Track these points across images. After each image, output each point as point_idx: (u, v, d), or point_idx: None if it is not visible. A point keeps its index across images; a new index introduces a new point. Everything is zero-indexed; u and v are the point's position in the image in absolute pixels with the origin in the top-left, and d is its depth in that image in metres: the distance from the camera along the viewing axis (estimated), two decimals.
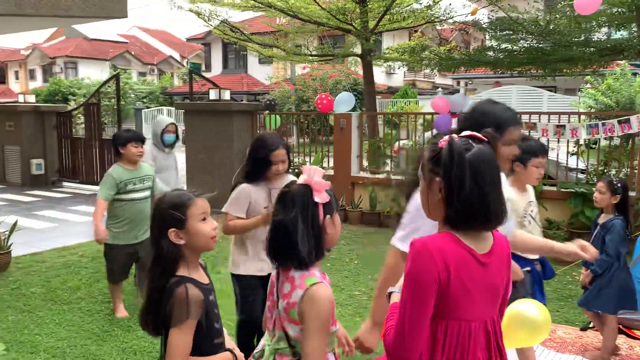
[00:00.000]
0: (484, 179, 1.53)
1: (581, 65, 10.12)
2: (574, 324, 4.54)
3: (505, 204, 1.61)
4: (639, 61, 11.76)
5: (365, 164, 9.13)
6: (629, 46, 8.94)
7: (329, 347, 1.89)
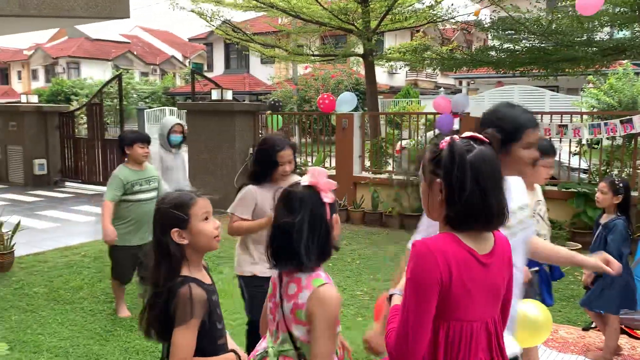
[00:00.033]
0: (485, 180, 1.53)
1: (583, 65, 10.11)
2: (576, 324, 4.54)
3: (506, 205, 1.61)
4: None
5: (367, 164, 9.14)
6: (631, 46, 8.92)
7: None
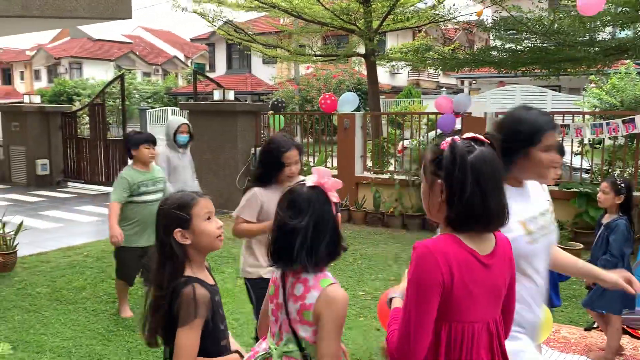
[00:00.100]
0: (486, 181, 1.54)
1: (585, 64, 10.09)
2: (578, 324, 4.54)
3: (507, 206, 1.61)
4: None
5: (369, 164, 9.14)
6: (633, 45, 8.90)
7: None
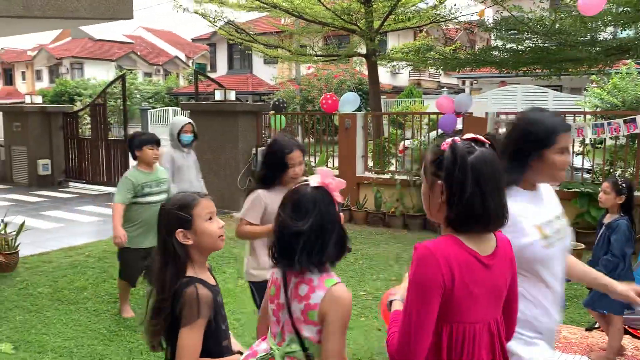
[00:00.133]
0: (486, 182, 1.54)
1: (587, 64, 10.09)
2: (580, 324, 4.54)
3: (506, 207, 1.61)
4: None
5: (370, 164, 9.14)
6: (635, 45, 8.90)
7: None
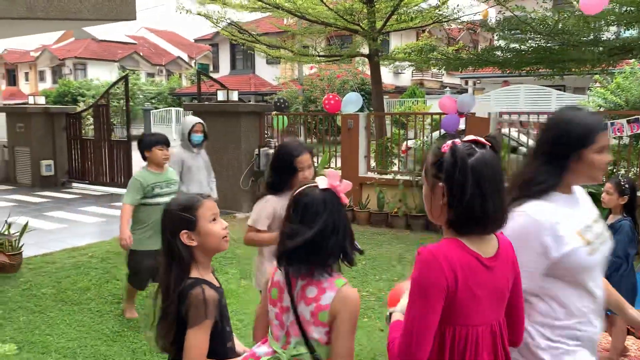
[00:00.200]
0: (486, 184, 1.54)
1: (590, 64, 10.07)
2: None
3: (506, 208, 1.62)
4: None
5: (372, 165, 9.14)
6: (638, 45, 8.89)
7: None
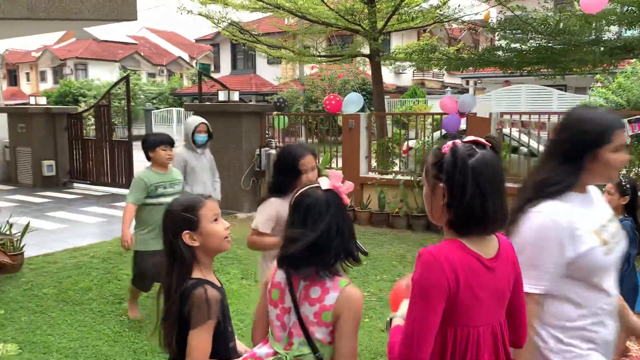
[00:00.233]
0: (486, 184, 1.55)
1: (591, 64, 10.07)
2: None
3: (507, 209, 1.62)
4: None
5: (374, 165, 9.14)
6: (639, 45, 8.88)
7: None
